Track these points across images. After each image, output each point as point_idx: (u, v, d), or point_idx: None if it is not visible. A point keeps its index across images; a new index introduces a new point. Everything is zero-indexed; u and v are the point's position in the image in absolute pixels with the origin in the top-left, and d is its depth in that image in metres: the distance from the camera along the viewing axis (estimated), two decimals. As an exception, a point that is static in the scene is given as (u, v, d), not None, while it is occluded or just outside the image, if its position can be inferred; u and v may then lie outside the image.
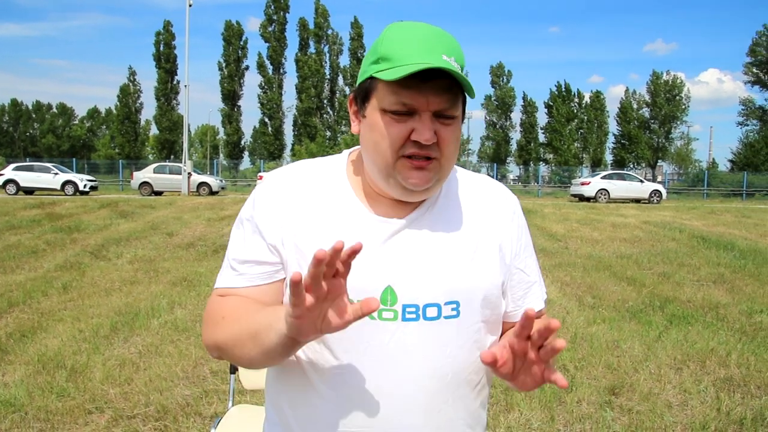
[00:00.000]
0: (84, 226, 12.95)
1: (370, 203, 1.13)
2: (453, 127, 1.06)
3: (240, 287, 1.13)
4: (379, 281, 1.07)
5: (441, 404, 1.10)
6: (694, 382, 4.17)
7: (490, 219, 1.18)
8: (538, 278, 1.25)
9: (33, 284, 7.12)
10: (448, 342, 1.09)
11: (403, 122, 1.03)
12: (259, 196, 1.16)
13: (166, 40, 60.59)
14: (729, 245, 10.96)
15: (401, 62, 1.00)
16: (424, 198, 1.12)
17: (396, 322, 1.06)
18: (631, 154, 61.70)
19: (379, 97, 1.04)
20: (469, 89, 1.03)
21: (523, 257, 1.22)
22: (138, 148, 65.58)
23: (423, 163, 1.05)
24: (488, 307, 1.14)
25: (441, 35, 1.05)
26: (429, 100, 1.02)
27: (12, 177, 28.63)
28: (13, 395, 3.72)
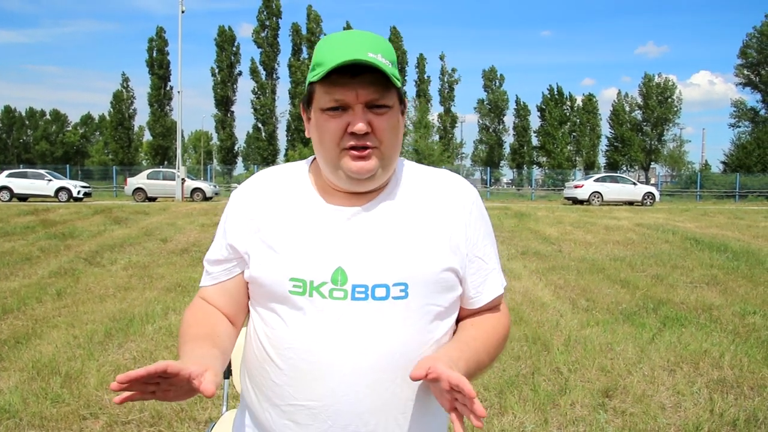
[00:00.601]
0: (78, 233, 12.91)
1: (327, 197, 1.22)
2: (387, 116, 1.15)
3: (208, 285, 1.30)
4: (330, 262, 1.15)
5: (387, 382, 1.15)
6: (688, 383, 4.20)
7: (445, 209, 1.24)
8: (496, 266, 1.31)
9: (27, 291, 7.10)
10: (396, 322, 1.15)
11: (339, 117, 1.13)
12: (229, 203, 1.30)
13: (159, 46, 60.58)
14: (722, 247, 11.01)
15: (329, 64, 1.09)
16: (373, 187, 1.20)
17: (346, 301, 1.14)
18: (624, 157, 61.94)
19: (317, 98, 1.15)
20: (393, 77, 1.11)
21: (481, 246, 1.27)
22: (131, 154, 65.46)
23: (362, 153, 1.14)
24: (438, 291, 1.20)
25: (368, 36, 1.14)
26: (358, 92, 1.11)
27: (6, 184, 28.54)
28: (7, 401, 3.72)
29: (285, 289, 1.16)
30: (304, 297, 1.15)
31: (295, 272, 1.16)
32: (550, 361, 4.61)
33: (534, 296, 7.03)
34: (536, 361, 4.59)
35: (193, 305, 1.31)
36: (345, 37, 1.14)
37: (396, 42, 61.01)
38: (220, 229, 1.30)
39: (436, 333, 1.20)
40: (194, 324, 1.24)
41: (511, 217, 17.37)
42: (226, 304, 1.29)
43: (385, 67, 1.09)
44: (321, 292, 1.14)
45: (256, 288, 1.23)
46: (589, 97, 64.29)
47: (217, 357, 1.15)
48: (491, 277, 1.29)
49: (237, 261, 1.26)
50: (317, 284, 1.15)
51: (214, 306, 1.29)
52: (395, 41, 60.97)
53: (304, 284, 1.15)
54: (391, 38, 61.13)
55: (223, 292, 1.28)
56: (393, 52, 1.16)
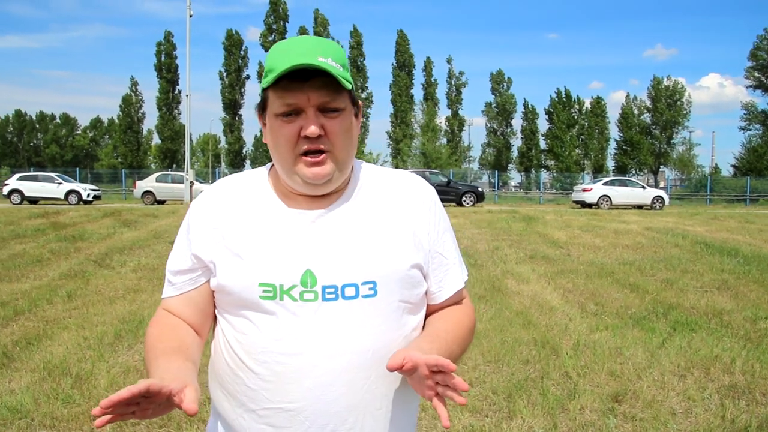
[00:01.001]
0: (88, 235, 12.99)
1: (289, 201, 1.24)
2: (340, 119, 1.17)
3: (172, 296, 1.29)
4: (298, 265, 1.17)
5: (363, 380, 1.17)
6: (699, 389, 4.17)
7: (406, 207, 1.27)
8: (456, 260, 1.34)
9: (38, 292, 7.15)
10: (367, 320, 1.18)
11: (292, 122, 1.15)
12: (190, 213, 1.30)
13: (167, 50, 60.91)
14: (733, 251, 10.94)
15: (279, 69, 1.11)
16: (330, 190, 1.22)
17: (317, 302, 1.16)
18: (633, 160, 61.67)
19: (270, 104, 1.17)
20: (342, 80, 1.13)
21: (440, 242, 1.30)
22: (140, 158, 65.79)
23: (317, 158, 1.16)
24: (406, 287, 1.23)
25: (318, 41, 1.17)
26: (309, 96, 1.13)
27: (16, 187, 28.79)
28: (19, 402, 3.75)
29: (255, 295, 1.17)
30: (275, 301, 1.16)
31: (264, 277, 1.17)
32: (559, 366, 4.59)
33: (542, 300, 7.01)
34: (545, 366, 4.58)
35: (157, 318, 1.30)
36: (295, 42, 1.17)
37: (403, 45, 61.07)
38: (183, 239, 1.29)
39: (406, 328, 1.23)
40: (162, 338, 1.24)
41: (519, 221, 17.34)
42: (191, 314, 1.28)
43: (334, 70, 1.12)
44: (291, 296, 1.16)
45: (224, 296, 1.23)
46: (598, 100, 64.11)
47: (192, 370, 1.16)
48: (452, 271, 1.32)
49: (202, 270, 1.26)
50: (287, 288, 1.16)
51: (178, 317, 1.29)
52: (402, 44, 61.04)
53: (274, 289, 1.16)
54: (398, 42, 61.23)
55: (188, 302, 1.28)
56: (344, 55, 1.19)
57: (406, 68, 61.08)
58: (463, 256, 1.43)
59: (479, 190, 29.46)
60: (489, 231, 14.68)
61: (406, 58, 61.07)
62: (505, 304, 6.65)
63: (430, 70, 62.30)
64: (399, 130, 59.14)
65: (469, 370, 4.48)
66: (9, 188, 28.82)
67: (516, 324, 5.78)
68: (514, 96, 64.96)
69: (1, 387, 4.08)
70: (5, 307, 6.35)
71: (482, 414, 3.75)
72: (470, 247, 11.60)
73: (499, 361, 4.68)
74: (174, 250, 1.30)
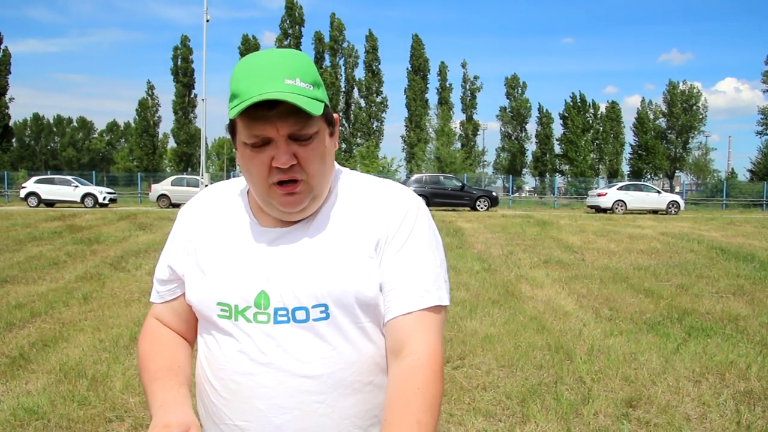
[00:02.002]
0: (104, 238, 13.11)
1: (261, 217, 1.20)
2: (313, 145, 1.10)
3: (157, 303, 1.32)
4: (254, 286, 1.15)
5: (316, 403, 1.13)
6: (714, 395, 4.14)
7: (373, 224, 1.17)
8: (414, 282, 1.15)
9: (54, 295, 7.23)
10: (318, 344, 1.14)
11: (262, 152, 1.09)
12: (176, 220, 1.30)
13: (184, 54, 61.39)
14: (749, 256, 10.84)
15: (244, 96, 1.04)
16: (307, 215, 1.17)
17: (269, 324, 1.14)
18: (649, 165, 61.28)
19: (239, 131, 1.11)
20: (308, 108, 1.03)
21: (400, 258, 1.16)
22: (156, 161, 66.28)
23: (291, 188, 1.11)
24: (362, 309, 1.15)
25: (283, 59, 1.08)
26: (277, 126, 1.06)
27: (34, 190, 29.09)
28: (36, 403, 3.79)
29: (213, 314, 1.17)
30: (230, 321, 1.15)
31: (222, 296, 1.16)
32: (573, 371, 4.58)
33: (557, 305, 6.98)
34: (559, 370, 4.57)
35: (147, 330, 1.31)
36: (259, 63, 1.08)
37: (418, 50, 61.12)
38: (167, 248, 1.29)
39: (364, 350, 1.16)
40: (153, 356, 1.25)
41: (533, 226, 17.28)
42: (176, 322, 1.30)
43: (301, 98, 1.04)
44: (246, 316, 1.14)
45: (194, 309, 1.24)
46: (613, 105, 63.81)
47: (187, 397, 1.18)
48: (403, 294, 1.15)
49: (177, 282, 1.27)
50: (242, 308, 1.14)
51: (166, 324, 1.31)
52: (417, 49, 61.08)
53: (230, 308, 1.15)
54: (413, 46, 61.28)
55: (170, 311, 1.30)
56: (313, 70, 1.11)
57: (421, 72, 61.10)
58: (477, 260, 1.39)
59: (493, 194, 29.37)
60: (503, 235, 14.64)
61: (420, 63, 61.10)
62: (519, 309, 6.63)
63: (445, 75, 62.29)
64: (413, 134, 59.16)
65: (482, 375, 4.48)
66: (26, 191, 29.14)
67: (530, 329, 5.77)
68: (529, 100, 64.82)
69: (18, 388, 4.13)
70: (22, 309, 6.43)
71: (496, 418, 3.75)
72: (484, 252, 11.58)
73: (512, 366, 4.67)
74: (161, 256, 1.31)
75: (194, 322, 1.29)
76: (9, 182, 41.52)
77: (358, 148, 56.50)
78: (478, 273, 9.09)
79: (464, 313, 6.33)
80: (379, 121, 60.86)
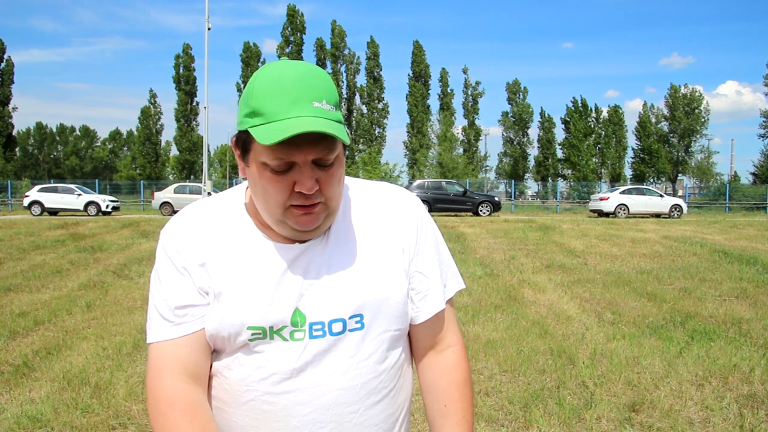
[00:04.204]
0: (107, 246, 13.14)
1: (270, 233, 1.16)
2: (333, 170, 1.08)
3: (177, 338, 1.13)
4: (287, 306, 1.12)
5: (351, 414, 1.15)
6: (717, 398, 4.13)
7: (391, 228, 1.21)
8: (437, 280, 1.26)
9: (58, 303, 7.24)
10: (354, 353, 1.14)
11: (284, 175, 1.05)
12: (169, 245, 1.17)
13: (186, 62, 61.66)
14: (752, 259, 10.81)
15: (272, 118, 1.00)
16: (318, 234, 1.15)
17: (304, 340, 1.12)
18: (651, 169, 61.25)
19: (257, 150, 1.05)
20: (342, 138, 1.03)
21: (422, 259, 1.24)
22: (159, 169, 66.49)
23: (310, 210, 1.08)
24: (394, 317, 1.19)
25: (309, 77, 1.04)
26: (305, 151, 1.02)
27: (37, 198, 29.19)
28: (39, 411, 3.80)
29: (244, 339, 1.12)
30: (265, 341, 1.12)
31: (253, 320, 1.11)
32: (576, 375, 4.57)
33: (559, 309, 6.98)
34: (561, 375, 4.56)
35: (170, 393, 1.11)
36: (285, 81, 1.02)
37: (419, 56, 61.26)
38: (171, 272, 1.15)
39: (393, 356, 1.21)
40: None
41: (536, 230, 17.26)
42: (201, 356, 1.15)
43: (334, 128, 1.01)
44: (282, 335, 1.12)
45: (214, 341, 1.15)
46: (615, 109, 63.84)
47: None
48: (432, 292, 1.25)
49: (207, 306, 1.15)
50: (277, 329, 1.12)
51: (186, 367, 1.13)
52: (418, 55, 61.24)
53: (264, 331, 1.12)
54: (414, 52, 61.44)
55: (195, 344, 1.14)
56: (335, 90, 1.08)
57: (423, 78, 61.25)
58: (479, 265, 1.43)
59: (496, 199, 29.33)
60: (505, 240, 14.63)
61: (422, 69, 61.26)
62: (521, 314, 6.63)
63: (446, 81, 62.43)
64: (415, 140, 59.25)
65: (485, 380, 4.48)
66: (29, 200, 29.24)
67: (532, 333, 5.76)
68: (531, 105, 64.94)
69: (22, 396, 4.15)
70: (26, 318, 6.45)
71: (498, 424, 3.75)
72: (486, 257, 11.57)
73: (515, 371, 4.67)
74: (166, 283, 1.16)
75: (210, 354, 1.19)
76: (12, 191, 41.66)
77: (361, 154, 56.53)
78: (480, 278, 9.09)
79: (467, 318, 6.33)
80: (381, 128, 61.00)
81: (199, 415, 1.10)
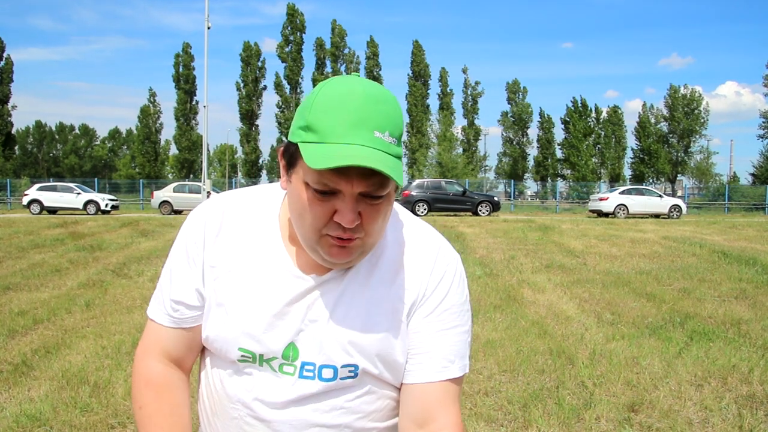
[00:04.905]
0: (106, 245, 13.14)
1: (296, 254, 1.10)
2: (381, 206, 1.00)
3: (167, 326, 1.17)
4: (282, 338, 1.08)
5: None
6: (716, 399, 4.13)
7: (413, 283, 1.11)
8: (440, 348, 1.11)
9: (57, 302, 7.24)
10: (341, 396, 1.11)
11: (326, 201, 0.97)
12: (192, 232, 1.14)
13: (185, 61, 61.65)
14: (751, 260, 10.82)
15: (327, 139, 0.92)
16: (350, 266, 1.09)
17: (294, 377, 1.09)
18: (650, 169, 61.28)
19: (304, 167, 0.96)
20: (397, 179, 0.93)
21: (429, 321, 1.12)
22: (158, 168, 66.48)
23: (346, 243, 1.00)
24: (390, 370, 1.12)
25: (377, 102, 0.95)
26: (354, 183, 0.94)
27: (36, 197, 29.19)
28: (38, 410, 3.80)
29: (233, 357, 1.10)
30: (254, 365, 1.10)
31: (245, 343, 1.09)
32: (575, 375, 4.57)
33: (558, 309, 6.98)
34: (561, 375, 4.56)
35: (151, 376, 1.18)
36: (349, 101, 0.93)
37: (418, 56, 61.26)
38: (184, 266, 1.14)
39: (383, 400, 1.15)
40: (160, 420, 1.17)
41: (535, 230, 17.27)
42: (183, 350, 1.19)
43: (392, 165, 0.93)
44: (271, 366, 1.09)
45: (206, 344, 1.16)
46: (614, 109, 63.89)
47: None
48: (429, 359, 1.11)
49: (203, 311, 1.15)
50: (267, 358, 1.09)
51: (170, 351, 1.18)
52: (418, 55, 61.24)
53: (254, 356, 1.09)
54: (414, 52, 61.43)
55: (182, 339, 1.17)
56: (401, 121, 0.99)
57: (422, 78, 61.25)
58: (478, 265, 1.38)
59: (495, 199, 29.34)
60: (505, 240, 14.63)
61: (421, 68, 61.26)
62: (520, 314, 6.63)
63: (446, 80, 62.43)
64: (415, 139, 59.24)
65: (484, 380, 4.48)
66: (29, 198, 29.24)
67: (531, 333, 5.76)
68: (530, 105, 64.96)
69: (21, 395, 4.14)
70: (25, 316, 6.44)
71: (497, 424, 3.75)
72: (486, 257, 11.58)
73: (514, 371, 4.67)
74: (174, 273, 1.16)
75: (200, 348, 1.21)
76: (12, 190, 41.65)
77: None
78: (479, 278, 9.09)
79: (466, 318, 6.32)
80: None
81: (169, 396, 1.18)
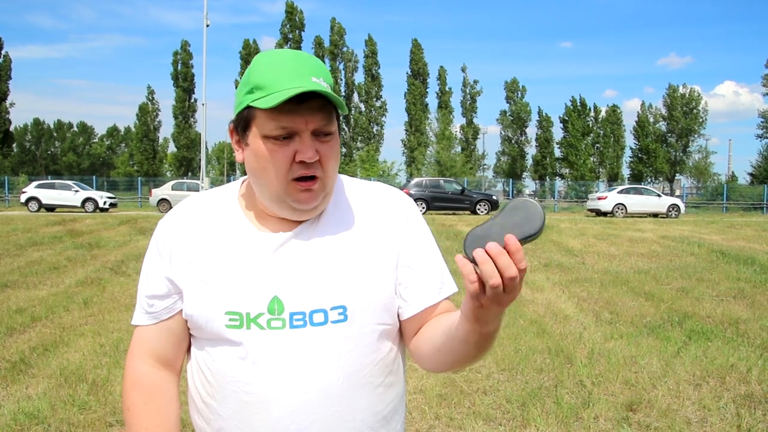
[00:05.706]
0: (104, 243, 13.12)
1: (259, 222, 1.19)
2: (332, 143, 1.12)
3: (149, 324, 1.23)
4: (265, 292, 1.12)
5: (333, 407, 1.13)
6: (714, 398, 4.14)
7: (380, 223, 1.21)
8: (427, 274, 1.22)
9: (55, 300, 7.23)
10: (336, 346, 1.13)
11: (285, 145, 1.08)
12: (159, 234, 1.24)
13: (184, 59, 61.60)
14: (749, 260, 10.83)
15: (274, 89, 1.05)
16: (315, 215, 1.17)
17: (284, 330, 1.11)
18: (649, 168, 61.35)
19: (259, 124, 1.09)
20: (341, 105, 1.09)
21: (411, 255, 1.22)
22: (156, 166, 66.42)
23: (311, 184, 1.11)
24: (379, 310, 1.17)
25: (307, 58, 1.11)
26: (306, 120, 1.07)
27: (34, 194, 29.09)
28: (36, 407, 3.79)
29: (221, 324, 1.13)
30: (242, 330, 1.12)
31: (230, 305, 1.12)
32: (573, 374, 4.57)
33: (557, 308, 6.98)
34: (559, 374, 4.57)
35: (137, 377, 1.24)
36: (284, 58, 1.10)
37: (417, 54, 61.22)
38: (155, 262, 1.22)
39: (381, 351, 1.18)
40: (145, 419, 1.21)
41: (533, 229, 17.24)
42: (169, 345, 1.23)
43: (334, 97, 1.07)
44: (259, 323, 1.11)
45: (192, 323, 1.19)
46: (613, 108, 63.90)
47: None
48: (423, 285, 1.21)
49: (178, 296, 1.20)
50: (254, 316, 1.12)
51: (156, 352, 1.23)
52: (416, 53, 61.21)
53: (241, 317, 1.12)
54: (413, 50, 61.40)
55: (165, 333, 1.22)
56: (329, 74, 1.13)
57: (421, 77, 61.22)
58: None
59: (494, 198, 29.35)
60: (503, 239, 14.59)
61: (420, 67, 61.22)
62: (519, 313, 6.63)
63: (445, 79, 62.40)
64: (413, 138, 59.23)
65: (482, 379, 4.48)
66: (27, 196, 29.14)
67: (530, 332, 5.77)
68: (529, 104, 64.95)
69: (19, 393, 4.14)
70: (23, 314, 6.43)
71: (496, 422, 3.75)
72: (484, 256, 11.54)
73: (513, 370, 4.67)
74: (146, 273, 1.23)
75: (187, 342, 1.24)
76: (10, 187, 41.55)
77: (359, 152, 56.54)
78: (478, 277, 9.08)
79: (464, 317, 6.33)
80: (379, 126, 60.95)
81: (155, 398, 1.22)
